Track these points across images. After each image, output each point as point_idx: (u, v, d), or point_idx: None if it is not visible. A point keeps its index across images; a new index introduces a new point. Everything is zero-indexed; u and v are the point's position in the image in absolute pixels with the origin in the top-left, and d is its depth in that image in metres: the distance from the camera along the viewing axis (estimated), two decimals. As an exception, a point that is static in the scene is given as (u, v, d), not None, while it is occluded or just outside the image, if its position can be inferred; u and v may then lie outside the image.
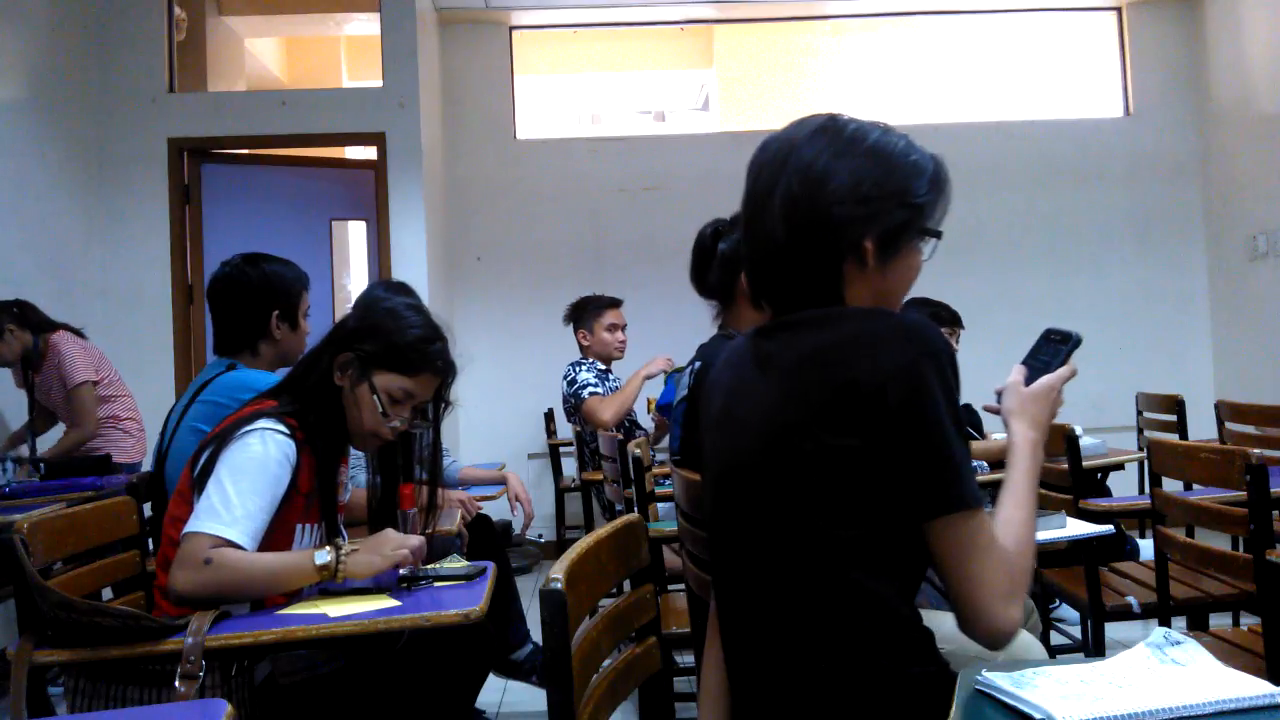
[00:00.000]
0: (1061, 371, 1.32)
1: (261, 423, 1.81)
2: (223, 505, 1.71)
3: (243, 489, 1.73)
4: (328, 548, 1.73)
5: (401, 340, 1.92)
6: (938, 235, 1.28)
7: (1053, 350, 1.34)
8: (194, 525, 1.71)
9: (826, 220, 1.21)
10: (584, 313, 4.59)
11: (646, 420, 4.56)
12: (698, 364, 2.42)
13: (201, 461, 1.79)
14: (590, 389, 4.31)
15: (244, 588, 1.69)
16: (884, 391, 1.12)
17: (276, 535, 1.80)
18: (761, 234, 1.26)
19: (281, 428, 1.81)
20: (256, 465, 1.76)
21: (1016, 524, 1.21)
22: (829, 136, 1.24)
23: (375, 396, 1.89)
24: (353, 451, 2.38)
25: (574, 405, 4.39)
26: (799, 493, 1.16)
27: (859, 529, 1.15)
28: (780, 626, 1.20)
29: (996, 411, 1.33)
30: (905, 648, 1.16)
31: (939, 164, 1.29)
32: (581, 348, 4.59)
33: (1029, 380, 1.31)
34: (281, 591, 1.74)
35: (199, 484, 1.76)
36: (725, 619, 1.30)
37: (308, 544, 1.88)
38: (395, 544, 1.76)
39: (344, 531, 2.02)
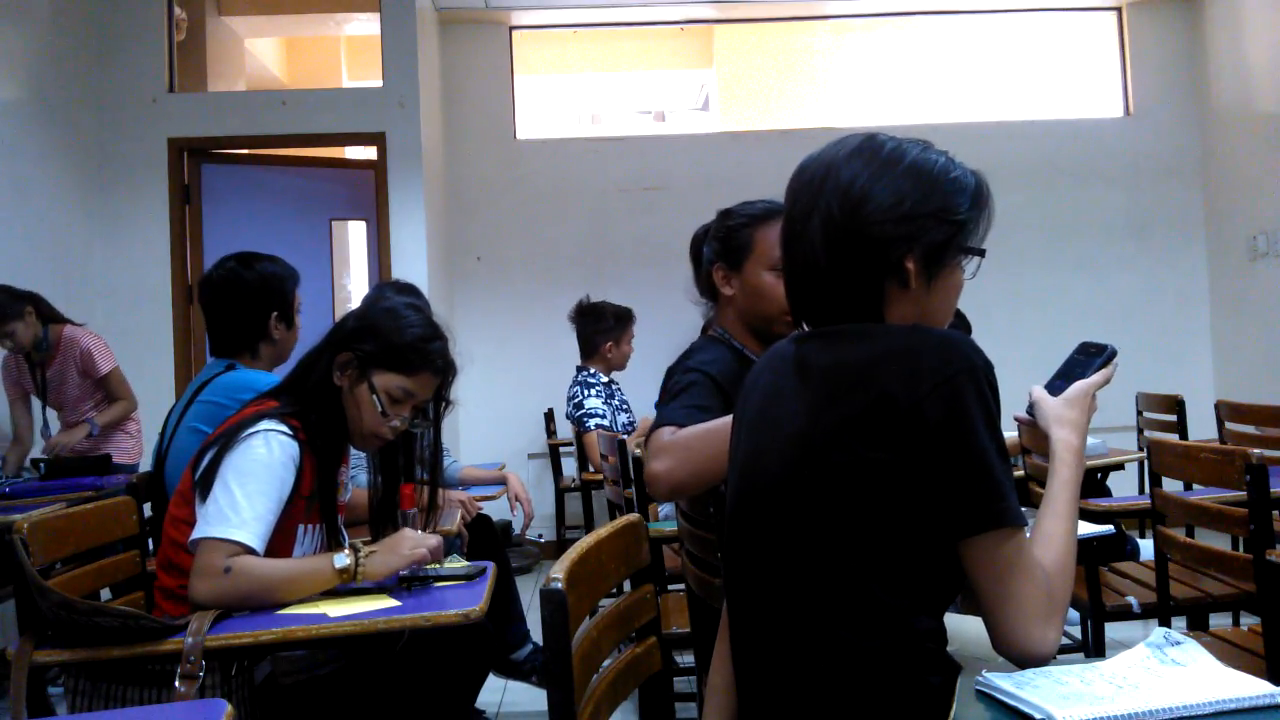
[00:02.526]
0: (1095, 378, 1.32)
1: (264, 424, 1.80)
2: (231, 509, 1.71)
3: (250, 491, 1.73)
4: (346, 551, 1.73)
5: (400, 340, 1.92)
6: (981, 253, 1.26)
7: (1087, 361, 1.34)
8: (205, 531, 1.70)
9: (867, 240, 1.20)
10: (613, 327, 4.55)
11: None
12: None
13: (205, 464, 1.78)
14: (596, 421, 4.30)
15: (264, 595, 1.68)
16: (921, 408, 1.11)
17: (278, 537, 1.79)
18: (801, 256, 1.25)
19: (284, 429, 1.81)
20: (262, 467, 1.76)
21: (1057, 539, 1.19)
22: (867, 156, 1.23)
23: (375, 396, 1.89)
24: (353, 451, 2.38)
25: (577, 432, 4.40)
26: (823, 502, 1.16)
27: (880, 542, 1.14)
28: (791, 630, 1.19)
29: (1030, 421, 1.32)
30: (915, 658, 1.15)
31: (980, 180, 1.28)
32: (600, 356, 4.55)
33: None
34: (300, 597, 1.73)
35: (203, 487, 1.76)
36: (736, 619, 1.30)
37: (309, 545, 1.89)
38: (413, 543, 1.76)
39: (344, 532, 2.01)
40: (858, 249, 1.20)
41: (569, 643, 1.12)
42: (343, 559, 1.71)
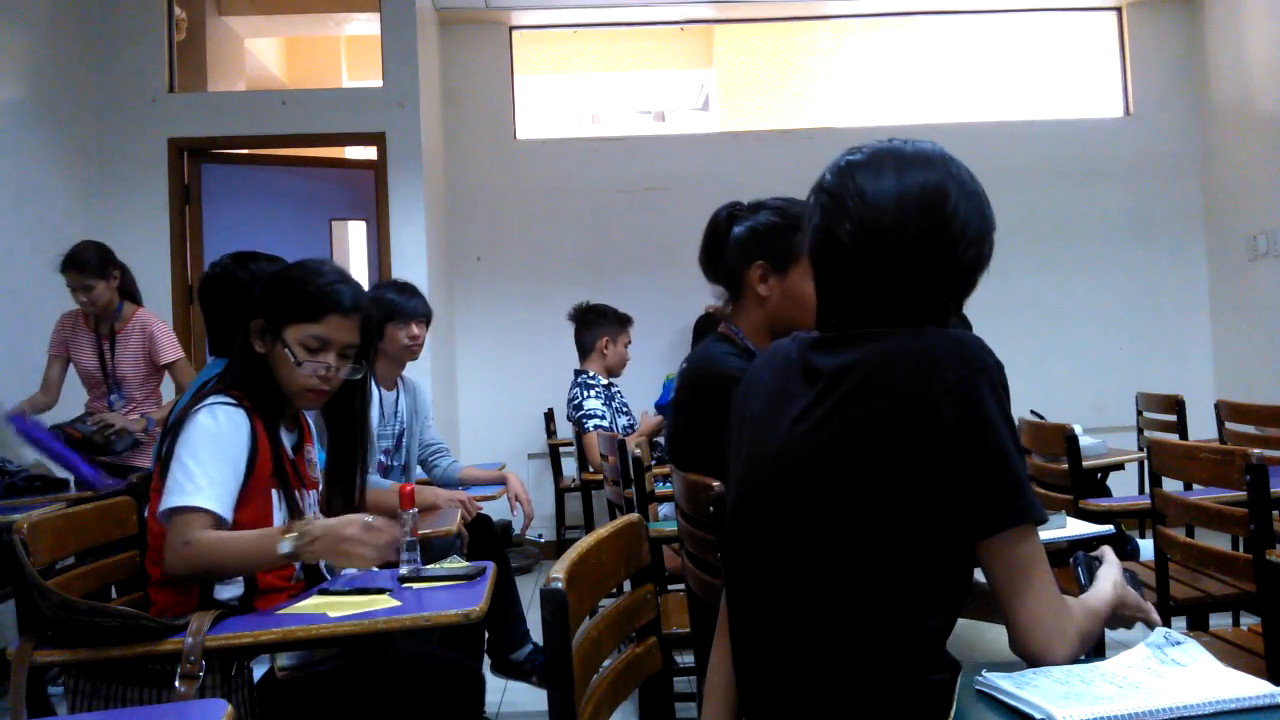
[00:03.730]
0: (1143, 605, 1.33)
1: (208, 401, 1.86)
2: (187, 479, 1.76)
3: (203, 460, 1.78)
4: (294, 533, 1.74)
5: (302, 290, 1.94)
6: None
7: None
8: (168, 503, 1.76)
9: (951, 264, 1.22)
10: (611, 321, 4.54)
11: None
12: (685, 366, 2.42)
13: (163, 450, 1.85)
14: (596, 421, 4.30)
15: (218, 570, 1.77)
16: (937, 408, 1.11)
17: (254, 501, 1.84)
18: (865, 271, 1.22)
19: (227, 399, 1.87)
20: (210, 436, 1.81)
21: (1092, 616, 1.21)
22: (944, 169, 1.23)
23: (288, 350, 1.90)
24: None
25: (577, 433, 4.39)
26: (831, 504, 1.16)
27: (888, 543, 1.14)
28: (794, 630, 1.19)
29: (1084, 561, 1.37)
30: (918, 657, 1.16)
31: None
32: (597, 353, 4.53)
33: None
34: (254, 571, 1.80)
35: (163, 469, 1.82)
36: (737, 617, 1.30)
37: (282, 508, 1.91)
38: (348, 541, 1.72)
39: (302, 500, 1.99)
40: (939, 271, 1.22)
41: (569, 643, 1.12)
42: (287, 545, 1.73)
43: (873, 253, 1.21)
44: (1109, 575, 1.31)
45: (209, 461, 1.78)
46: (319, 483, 2.08)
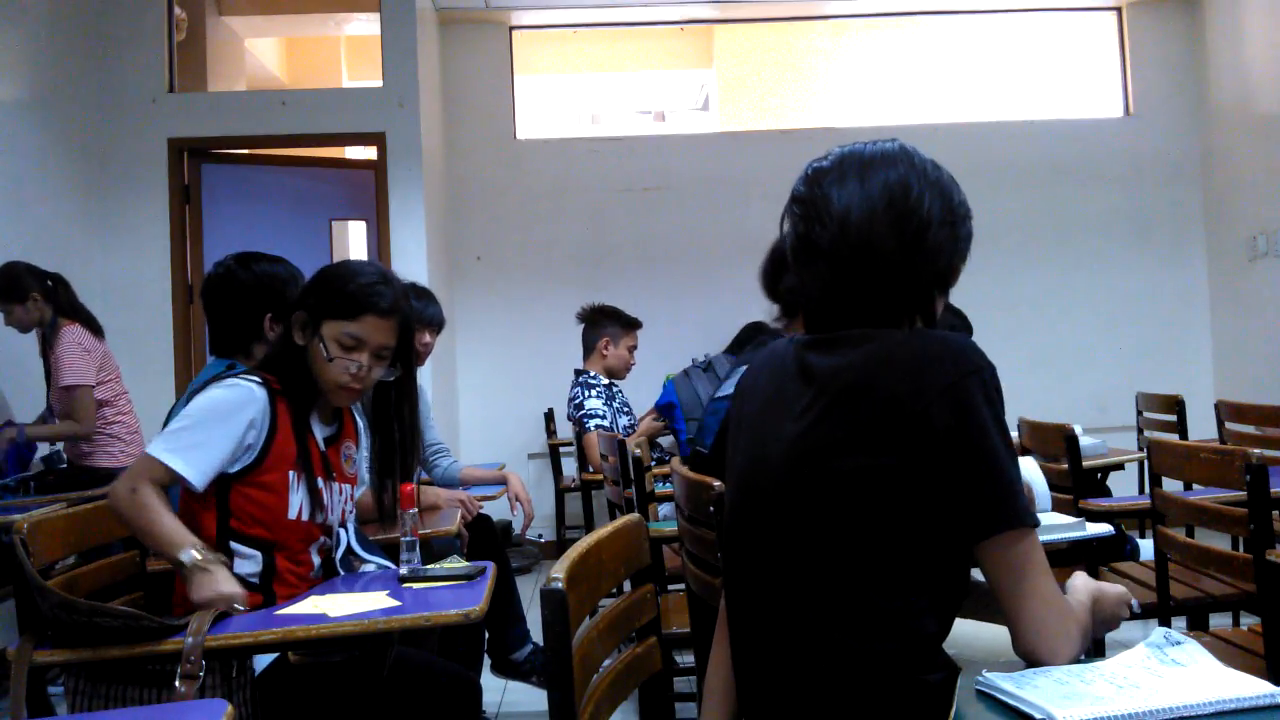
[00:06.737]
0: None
1: (233, 374, 1.91)
2: (173, 435, 1.81)
3: (198, 422, 1.81)
4: (198, 552, 1.72)
5: (343, 287, 1.96)
6: None
7: None
8: (149, 446, 1.81)
9: (924, 251, 1.21)
10: (615, 323, 4.51)
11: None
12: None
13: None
14: (596, 421, 4.29)
15: (135, 528, 1.79)
16: (928, 411, 1.11)
17: (271, 479, 1.86)
18: (857, 266, 1.22)
19: (251, 376, 1.90)
20: (215, 403, 1.84)
21: (1084, 610, 1.21)
22: (906, 163, 1.24)
23: (322, 345, 1.92)
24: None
25: (577, 432, 4.38)
26: (825, 506, 1.16)
27: (882, 546, 1.14)
28: (791, 631, 1.20)
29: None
30: (914, 659, 1.15)
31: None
32: (597, 354, 4.51)
33: None
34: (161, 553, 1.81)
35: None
36: (735, 619, 1.30)
37: (302, 493, 1.90)
38: (211, 595, 1.69)
39: (331, 492, 1.99)
40: (921, 257, 1.21)
41: (569, 643, 1.12)
42: (189, 556, 1.71)
43: (848, 252, 1.22)
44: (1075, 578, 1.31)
45: (203, 426, 1.81)
46: (356, 479, 2.08)
